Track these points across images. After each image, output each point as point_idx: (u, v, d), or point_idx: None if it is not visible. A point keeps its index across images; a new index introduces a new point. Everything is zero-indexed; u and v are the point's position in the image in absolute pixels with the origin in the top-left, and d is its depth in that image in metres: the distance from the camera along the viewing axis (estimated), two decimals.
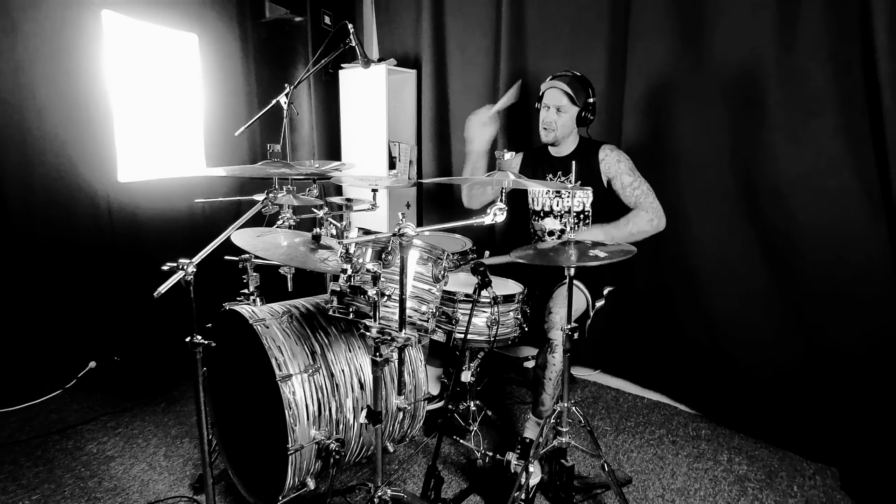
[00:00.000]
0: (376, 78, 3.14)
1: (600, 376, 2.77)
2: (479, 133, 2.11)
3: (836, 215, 1.93)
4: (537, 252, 1.56)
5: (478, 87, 2.95)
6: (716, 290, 2.28)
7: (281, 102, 2.66)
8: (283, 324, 1.67)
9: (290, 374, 1.54)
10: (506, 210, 1.27)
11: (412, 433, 1.92)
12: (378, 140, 3.20)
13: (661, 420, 2.39)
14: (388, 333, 1.30)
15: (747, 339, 2.21)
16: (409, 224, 1.22)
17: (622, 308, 2.57)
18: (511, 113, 2.78)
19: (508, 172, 1.37)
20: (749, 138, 2.10)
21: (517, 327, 1.90)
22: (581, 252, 1.54)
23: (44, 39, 2.32)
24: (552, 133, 2.11)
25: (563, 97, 2.06)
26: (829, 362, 2.02)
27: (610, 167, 2.10)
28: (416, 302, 1.49)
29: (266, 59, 3.33)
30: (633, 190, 2.05)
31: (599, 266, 1.52)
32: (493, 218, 1.28)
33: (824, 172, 1.94)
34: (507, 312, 1.86)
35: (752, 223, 2.14)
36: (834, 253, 1.95)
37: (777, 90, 2.00)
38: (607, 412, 2.45)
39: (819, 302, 2.01)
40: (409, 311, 1.48)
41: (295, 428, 1.51)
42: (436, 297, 1.55)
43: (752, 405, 2.22)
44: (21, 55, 2.28)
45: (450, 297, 1.83)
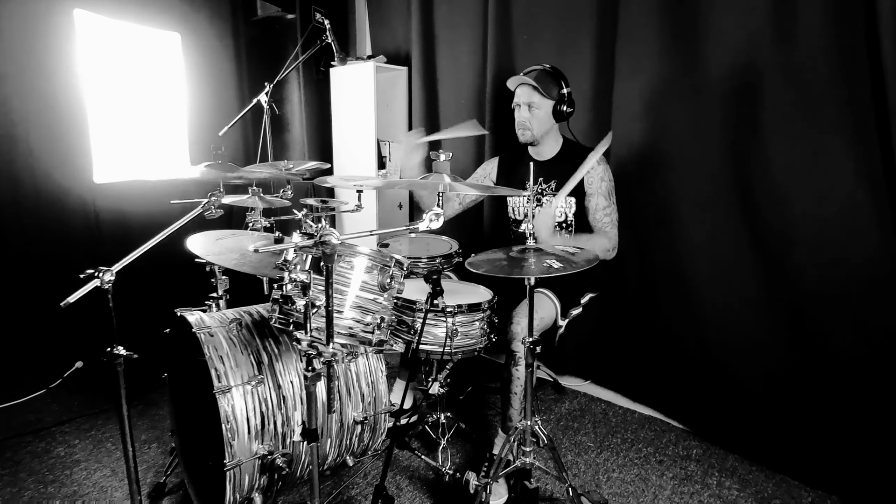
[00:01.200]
0: (365, 76, 3.07)
1: (591, 387, 2.63)
2: (406, 160, 1.97)
3: (836, 219, 1.75)
4: (490, 261, 1.45)
5: (466, 84, 2.85)
6: (710, 298, 2.12)
7: (261, 101, 2.63)
8: (231, 332, 1.61)
9: (230, 386, 1.47)
10: (442, 215, 1.17)
11: (374, 445, 1.83)
12: (367, 139, 3.13)
13: (650, 437, 2.24)
14: (317, 347, 1.22)
15: (743, 350, 2.05)
16: (332, 231, 1.13)
17: (612, 316, 2.43)
18: (498, 114, 2.67)
19: (444, 175, 1.27)
20: (744, 138, 1.93)
21: (483, 338, 1.79)
22: (540, 261, 1.42)
23: (12, 38, 2.30)
24: (528, 132, 1.99)
25: (534, 93, 1.94)
26: (831, 377, 1.84)
27: (592, 182, 1.97)
28: (358, 312, 1.40)
29: (257, 57, 3.30)
30: (604, 216, 1.93)
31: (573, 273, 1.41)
32: (428, 224, 1.18)
33: (824, 174, 1.76)
34: (472, 322, 1.75)
35: (748, 227, 1.98)
36: (835, 259, 1.77)
37: (774, 87, 1.84)
38: (593, 426, 2.32)
39: (819, 310, 1.83)
40: (350, 323, 1.39)
41: (233, 443, 1.44)
42: (384, 306, 1.45)
43: (747, 423, 2.05)
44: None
45: (410, 305, 1.73)
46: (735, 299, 2.03)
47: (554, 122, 2.00)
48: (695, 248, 2.13)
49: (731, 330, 2.07)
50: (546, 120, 1.98)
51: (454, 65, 2.88)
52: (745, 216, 1.97)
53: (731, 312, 2.05)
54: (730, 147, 1.98)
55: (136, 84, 2.75)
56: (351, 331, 1.40)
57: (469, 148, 2.89)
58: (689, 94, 2.05)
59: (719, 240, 2.05)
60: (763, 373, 2.00)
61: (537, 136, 2.00)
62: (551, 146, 2.06)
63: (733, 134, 1.96)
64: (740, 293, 2.02)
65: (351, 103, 3.20)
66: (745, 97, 1.90)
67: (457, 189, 1.19)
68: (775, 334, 1.95)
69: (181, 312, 1.69)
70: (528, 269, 1.35)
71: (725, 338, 2.09)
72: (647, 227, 2.27)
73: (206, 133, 2.91)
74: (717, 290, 2.09)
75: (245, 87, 3.29)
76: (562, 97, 1.96)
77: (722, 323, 2.10)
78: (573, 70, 2.31)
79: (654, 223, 2.25)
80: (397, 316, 1.75)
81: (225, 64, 3.06)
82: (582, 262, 1.38)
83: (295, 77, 3.34)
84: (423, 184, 1.29)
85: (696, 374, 2.20)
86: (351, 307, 1.40)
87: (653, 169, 2.21)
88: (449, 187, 1.19)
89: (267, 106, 2.59)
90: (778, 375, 1.96)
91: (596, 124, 2.36)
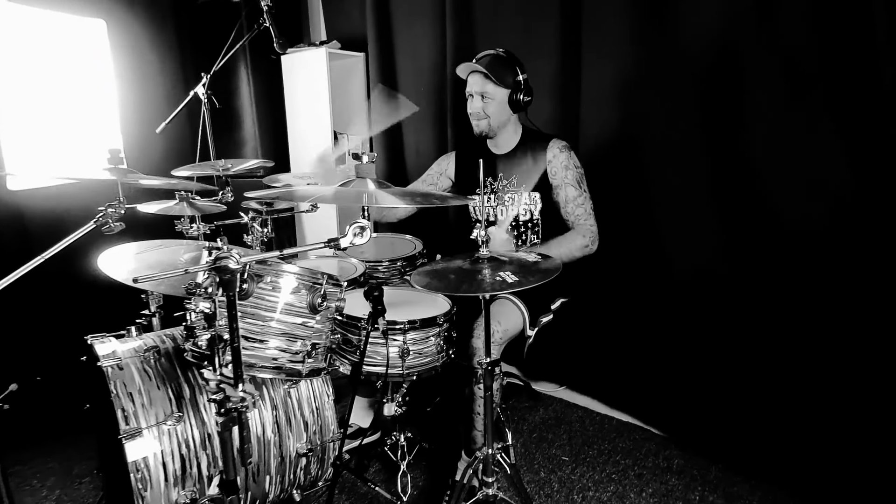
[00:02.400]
0: (318, 63, 2.83)
1: (566, 393, 2.48)
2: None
3: (827, 213, 1.60)
4: (435, 275, 1.26)
5: (425, 70, 2.63)
6: (693, 298, 1.97)
7: (199, 94, 2.39)
8: (147, 362, 1.40)
9: (140, 429, 1.27)
10: (368, 229, 0.98)
11: (324, 476, 1.65)
12: (323, 132, 2.91)
13: (628, 447, 2.09)
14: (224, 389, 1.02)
15: (726, 352, 1.90)
16: (232, 253, 0.93)
17: (588, 317, 2.27)
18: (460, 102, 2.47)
19: (368, 180, 1.07)
20: (726, 124, 1.76)
21: (440, 355, 1.61)
22: (494, 271, 1.23)
23: None
24: (483, 122, 1.80)
25: (486, 82, 1.75)
26: (821, 381, 1.70)
27: (556, 171, 1.78)
28: (284, 340, 1.21)
29: (200, 45, 3.03)
30: (576, 207, 1.75)
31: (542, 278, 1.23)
32: (352, 240, 0.98)
33: (814, 163, 1.60)
34: (427, 339, 1.57)
35: (733, 221, 1.82)
36: (829, 253, 1.62)
37: (757, 68, 1.66)
38: (569, 437, 2.16)
39: (813, 311, 1.68)
40: (274, 353, 1.20)
41: (144, 494, 1.25)
42: (316, 330, 1.26)
43: (730, 431, 1.91)
44: None
45: (354, 323, 1.54)
46: (723, 298, 1.88)
47: (511, 112, 1.81)
48: (677, 244, 1.97)
49: (714, 331, 1.92)
50: (501, 110, 1.79)
51: (413, 50, 2.67)
52: (731, 210, 1.81)
53: (717, 313, 1.90)
54: (709, 136, 1.81)
55: (60, 79, 2.48)
56: (276, 362, 1.21)
57: (431, 140, 2.69)
58: (664, 77, 1.87)
59: (704, 235, 1.89)
60: (746, 376, 1.86)
61: (493, 127, 1.82)
62: (510, 138, 1.87)
63: (715, 120, 1.79)
64: (729, 292, 1.86)
65: (305, 94, 2.96)
66: (727, 78, 1.73)
67: (382, 201, 0.98)
68: (763, 335, 1.80)
69: (91, 340, 1.48)
70: (480, 284, 1.17)
71: (707, 339, 1.94)
72: (621, 221, 2.10)
73: (142, 131, 2.65)
74: (703, 289, 1.93)
75: (190, 79, 3.02)
76: (517, 85, 1.77)
77: (704, 323, 1.95)
78: (537, 54, 2.12)
79: (630, 217, 2.08)
80: (342, 334, 1.55)
81: (161, 53, 2.78)
82: (541, 272, 1.20)
83: (243, 66, 3.09)
84: (344, 194, 1.07)
85: (676, 378, 2.05)
86: (275, 335, 1.20)
87: (626, 160, 2.03)
88: (374, 198, 0.99)
89: (205, 99, 2.36)
90: (762, 379, 1.82)
91: (562, 112, 2.17)
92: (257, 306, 1.18)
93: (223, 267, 0.92)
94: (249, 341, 1.17)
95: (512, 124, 1.86)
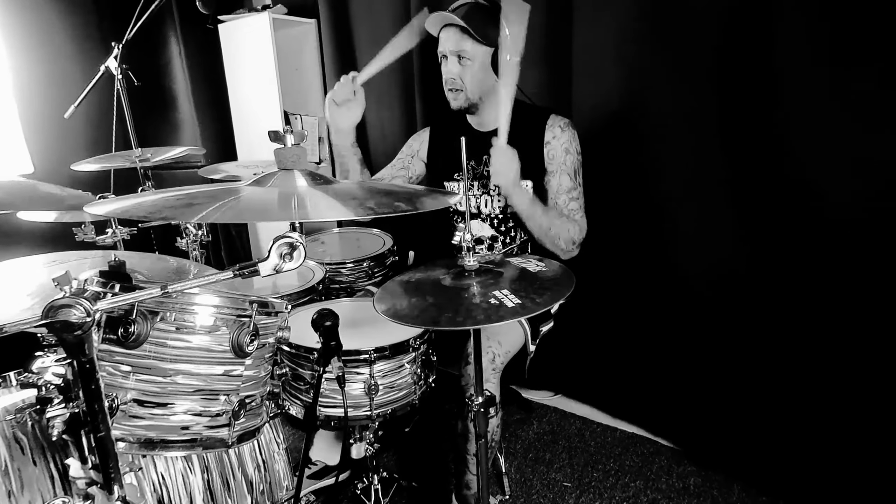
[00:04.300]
0: (261, 32, 2.42)
1: (562, 401, 2.20)
2: (341, 117, 1.45)
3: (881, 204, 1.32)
4: (406, 297, 0.93)
5: (387, 32, 2.24)
6: (705, 292, 1.70)
7: (111, 68, 1.97)
8: (21, 426, 1.04)
9: None
10: (300, 247, 0.65)
11: None
12: (272, 113, 2.51)
13: (636, 465, 1.83)
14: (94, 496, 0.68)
15: (748, 354, 1.64)
16: (79, 301, 0.58)
17: (585, 318, 1.98)
18: (428, 71, 2.11)
19: (295, 172, 0.73)
20: (750, 94, 1.46)
21: (417, 384, 1.29)
22: (485, 289, 0.91)
23: None
24: (460, 94, 1.45)
25: (463, 38, 1.39)
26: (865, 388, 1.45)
27: (555, 156, 1.45)
28: (197, 401, 0.86)
29: (119, 8, 2.56)
30: (570, 200, 1.43)
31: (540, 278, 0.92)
32: (275, 265, 0.65)
33: (866, 141, 1.31)
34: (400, 368, 1.24)
35: (755, 208, 1.54)
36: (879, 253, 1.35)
37: (792, 14, 1.36)
38: (569, 455, 1.89)
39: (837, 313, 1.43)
40: (186, 419, 0.86)
41: None
42: (246, 379, 0.93)
43: (751, 442, 1.67)
44: None
45: (306, 355, 1.20)
46: (736, 291, 1.61)
47: (496, 77, 1.45)
48: (689, 237, 1.69)
49: (731, 328, 1.66)
50: (484, 75, 1.44)
51: (371, 12, 2.29)
52: (752, 196, 1.53)
53: (730, 306, 1.64)
54: (729, 104, 1.51)
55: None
56: (188, 432, 0.86)
57: (398, 118, 2.33)
58: (673, 37, 1.56)
59: (721, 228, 1.60)
60: (769, 380, 1.61)
61: (473, 98, 1.46)
62: (496, 111, 1.53)
63: (736, 89, 1.49)
64: (743, 284, 1.59)
65: (248, 68, 2.55)
66: (750, 31, 1.43)
67: (316, 210, 0.63)
68: (790, 331, 1.54)
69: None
70: (469, 311, 0.85)
71: (722, 338, 1.68)
72: (623, 206, 1.81)
73: (49, 116, 2.21)
74: (714, 281, 1.66)
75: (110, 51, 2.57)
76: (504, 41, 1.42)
77: (718, 320, 1.68)
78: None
79: (632, 203, 1.79)
80: (291, 368, 1.22)
81: (68, 19, 2.32)
82: (551, 290, 0.88)
83: (173, 38, 2.64)
84: (251, 203, 0.70)
85: (686, 382, 1.80)
86: (185, 394, 0.86)
87: (628, 141, 1.73)
88: (305, 204, 0.64)
89: (119, 74, 1.94)
90: (788, 384, 1.57)
91: (549, 83, 1.84)
92: (157, 355, 0.84)
93: (63, 324, 0.57)
94: (146, 406, 0.83)
95: (496, 93, 1.51)
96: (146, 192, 1.69)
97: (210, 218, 0.57)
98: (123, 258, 1.14)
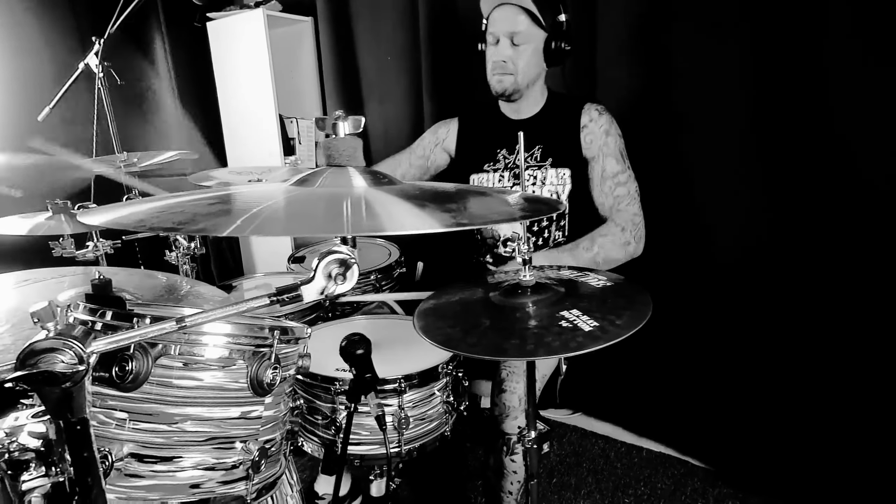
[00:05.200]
0: (255, 30, 2.27)
1: (581, 419, 2.08)
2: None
3: None
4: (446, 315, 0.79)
5: (390, 28, 2.13)
6: (739, 299, 1.59)
7: (91, 66, 1.80)
8: None
9: None
10: (353, 264, 0.51)
11: None
12: (267, 117, 2.35)
13: (669, 488, 1.71)
14: None
15: (788, 369, 1.54)
16: (78, 323, 0.43)
17: None
18: (438, 69, 1.99)
19: (351, 171, 0.58)
20: (796, 77, 1.37)
21: (448, 414, 1.15)
22: (547, 309, 0.78)
23: None
24: (509, 78, 1.33)
25: (522, 16, 1.28)
26: None
27: (594, 140, 1.34)
28: (209, 451, 0.71)
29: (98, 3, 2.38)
30: (616, 186, 1.31)
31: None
32: (322, 287, 0.51)
33: None
34: (430, 398, 1.10)
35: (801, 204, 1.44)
36: None
37: None
38: (595, 480, 1.77)
39: None
40: (196, 476, 0.71)
41: None
42: (266, 420, 0.78)
43: (790, 461, 1.56)
44: None
45: (326, 386, 1.05)
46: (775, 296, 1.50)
47: (544, 66, 1.36)
48: (724, 235, 1.58)
49: (763, 340, 1.56)
50: (536, 62, 1.34)
51: (373, 7, 2.16)
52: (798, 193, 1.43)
53: (767, 314, 1.53)
54: (773, 95, 1.42)
55: None
56: (198, 491, 0.71)
57: (404, 118, 2.20)
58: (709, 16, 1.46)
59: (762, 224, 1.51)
60: (812, 391, 1.50)
61: (521, 84, 1.35)
62: (534, 100, 1.42)
63: (780, 73, 1.39)
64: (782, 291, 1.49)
65: (240, 69, 2.39)
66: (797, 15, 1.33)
67: (385, 220, 0.49)
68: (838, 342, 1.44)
69: None
70: (538, 338, 0.71)
71: (757, 350, 1.58)
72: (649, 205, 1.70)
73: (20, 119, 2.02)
74: (750, 286, 1.56)
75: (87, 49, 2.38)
76: (558, 27, 1.31)
77: (749, 331, 1.58)
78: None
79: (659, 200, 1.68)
80: (308, 401, 1.07)
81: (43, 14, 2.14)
82: (629, 313, 0.76)
83: (158, 37, 2.47)
84: (302, 207, 0.55)
85: (717, 398, 1.68)
86: (195, 445, 0.71)
87: (659, 131, 1.62)
88: (369, 209, 0.50)
89: (100, 72, 1.77)
90: (833, 393, 1.46)
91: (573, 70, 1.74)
92: (159, 398, 0.68)
93: (46, 375, 0.42)
94: (146, 462, 0.67)
95: (540, 83, 1.40)
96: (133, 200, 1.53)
97: (260, 231, 0.42)
98: (108, 276, 0.98)
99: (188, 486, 0.70)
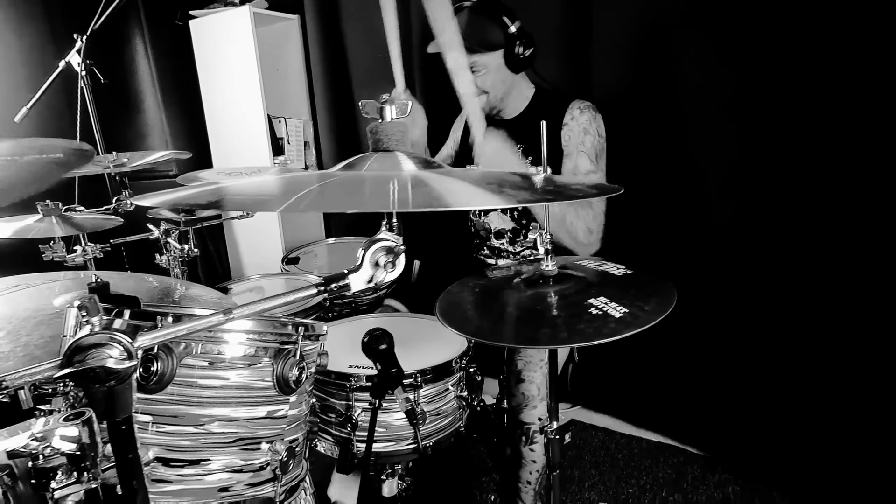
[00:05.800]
0: (241, 28, 2.23)
1: (581, 413, 2.09)
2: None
3: None
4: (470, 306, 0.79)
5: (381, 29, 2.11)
6: (732, 289, 1.62)
7: (72, 64, 1.74)
8: None
9: None
10: (403, 256, 0.50)
11: None
12: (254, 116, 2.31)
13: (670, 476, 1.74)
14: None
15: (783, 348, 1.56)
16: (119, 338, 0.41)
17: None
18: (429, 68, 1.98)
19: (398, 154, 0.57)
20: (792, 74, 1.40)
21: (462, 409, 1.14)
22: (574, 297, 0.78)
23: None
24: (483, 97, 1.36)
25: (470, 55, 1.28)
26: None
27: (571, 137, 1.34)
28: (236, 453, 0.69)
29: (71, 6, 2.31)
30: None
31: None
32: (375, 276, 0.50)
33: None
34: (445, 393, 1.09)
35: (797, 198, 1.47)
36: None
37: None
38: (598, 471, 1.78)
39: None
40: (225, 478, 0.68)
41: None
42: (291, 419, 0.76)
43: (789, 446, 1.59)
44: None
45: (341, 382, 1.03)
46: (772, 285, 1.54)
47: (512, 73, 1.37)
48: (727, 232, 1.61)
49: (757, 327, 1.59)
50: (502, 77, 1.35)
51: (362, 5, 2.14)
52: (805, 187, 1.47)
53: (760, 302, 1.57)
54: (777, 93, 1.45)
55: None
56: (228, 494, 0.69)
57: None
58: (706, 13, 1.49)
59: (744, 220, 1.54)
60: (808, 377, 1.54)
61: (495, 100, 1.39)
62: (519, 100, 1.43)
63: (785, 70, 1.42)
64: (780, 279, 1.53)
65: (226, 67, 2.34)
66: None
67: (453, 196, 0.48)
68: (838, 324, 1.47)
69: None
70: (570, 325, 0.71)
71: (750, 337, 1.61)
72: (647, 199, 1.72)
73: None
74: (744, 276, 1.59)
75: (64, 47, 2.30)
76: (511, 38, 1.30)
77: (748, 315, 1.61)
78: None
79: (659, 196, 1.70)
80: (321, 399, 1.05)
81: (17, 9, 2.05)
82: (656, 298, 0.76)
83: (138, 36, 2.40)
84: (358, 186, 0.54)
85: (714, 385, 1.71)
86: (223, 446, 0.69)
87: (656, 130, 1.65)
88: (429, 191, 0.48)
89: (83, 71, 1.71)
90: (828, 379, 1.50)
91: (567, 72, 1.75)
92: (184, 399, 0.66)
93: (100, 371, 0.40)
94: (173, 466, 0.65)
95: (518, 85, 1.40)
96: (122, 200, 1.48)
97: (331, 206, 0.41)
98: (103, 279, 0.94)
99: (217, 489, 0.67)
